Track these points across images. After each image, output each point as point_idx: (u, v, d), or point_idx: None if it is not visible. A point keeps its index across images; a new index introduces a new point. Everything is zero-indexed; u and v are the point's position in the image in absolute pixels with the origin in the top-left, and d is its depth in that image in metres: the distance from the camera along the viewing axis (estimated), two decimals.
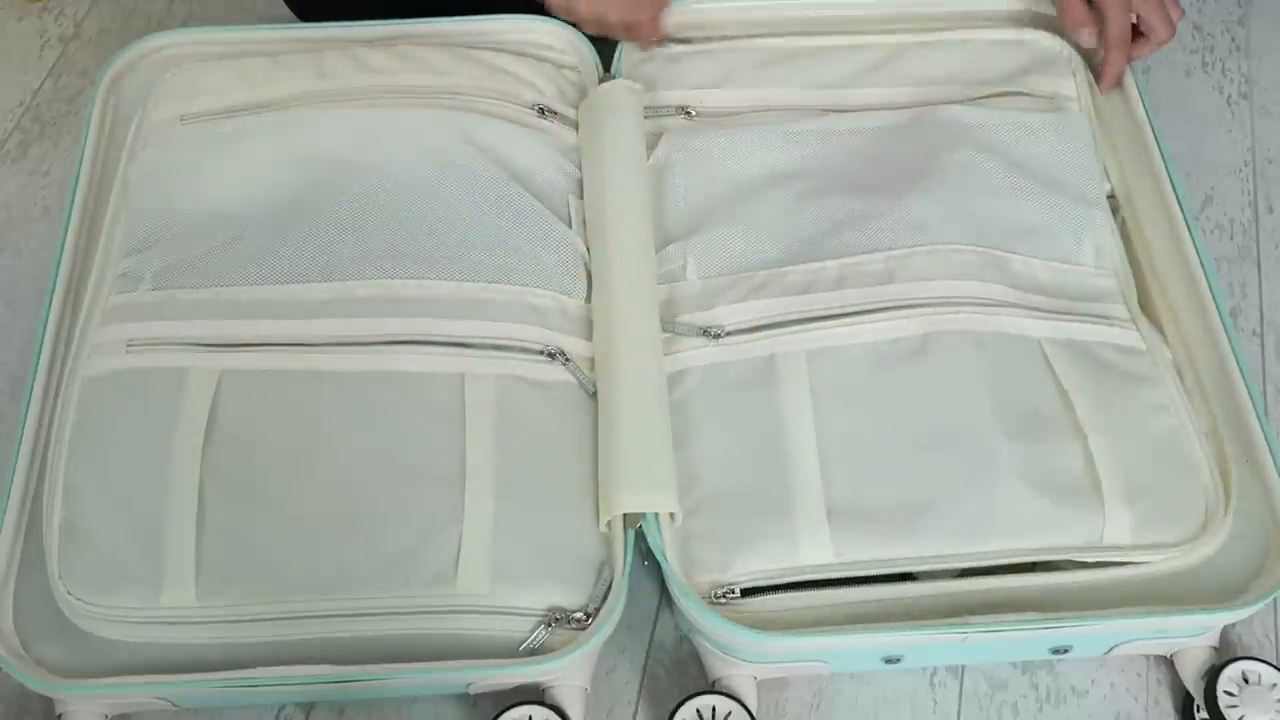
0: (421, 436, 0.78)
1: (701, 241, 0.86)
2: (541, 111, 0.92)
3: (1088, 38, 0.94)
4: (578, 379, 0.82)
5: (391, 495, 0.75)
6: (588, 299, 0.85)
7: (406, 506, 0.75)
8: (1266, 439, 0.79)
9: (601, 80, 0.95)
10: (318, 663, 0.72)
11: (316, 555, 0.74)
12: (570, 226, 0.87)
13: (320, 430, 0.77)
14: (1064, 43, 0.98)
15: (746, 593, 0.75)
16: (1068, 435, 0.78)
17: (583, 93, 0.95)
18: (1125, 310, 0.85)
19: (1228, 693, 0.76)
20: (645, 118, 0.92)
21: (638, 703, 0.81)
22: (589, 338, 0.83)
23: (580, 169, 0.90)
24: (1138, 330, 0.83)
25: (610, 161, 0.88)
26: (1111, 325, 0.83)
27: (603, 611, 0.74)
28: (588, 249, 0.86)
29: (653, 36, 0.96)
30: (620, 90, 0.92)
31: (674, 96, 0.95)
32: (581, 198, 0.89)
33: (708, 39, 0.98)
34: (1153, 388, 0.80)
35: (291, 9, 1.06)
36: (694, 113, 0.94)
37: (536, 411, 0.80)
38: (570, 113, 0.93)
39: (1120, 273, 0.87)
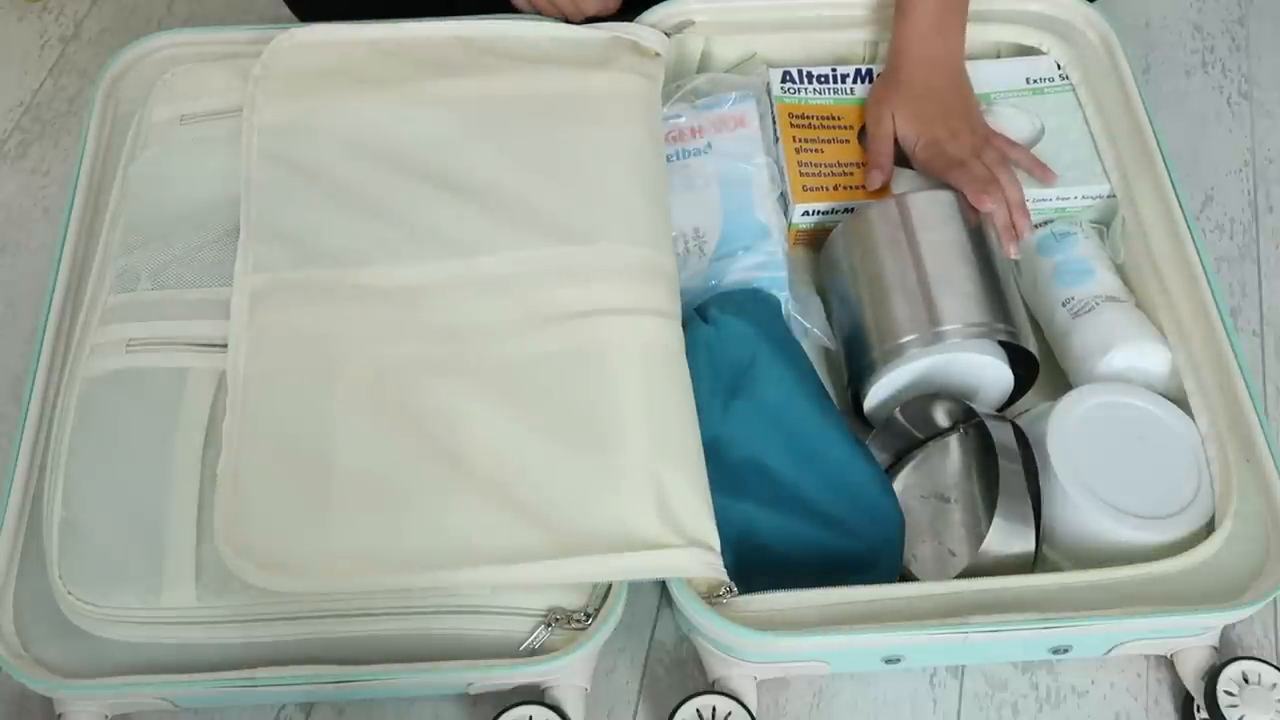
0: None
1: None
2: None
3: (875, 179, 0.92)
4: None
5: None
6: None
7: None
8: (1266, 439, 0.79)
9: None
10: (318, 663, 0.72)
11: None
12: None
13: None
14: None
15: (744, 591, 0.75)
16: None
17: None
18: None
19: (1228, 693, 0.76)
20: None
21: (638, 703, 0.81)
22: None
23: None
24: None
25: None
26: None
27: (603, 611, 0.74)
28: None
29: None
30: None
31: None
32: None
33: None
34: None
35: (291, 9, 1.06)
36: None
37: None
38: None
39: None
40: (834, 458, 0.82)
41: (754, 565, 0.77)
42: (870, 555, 0.80)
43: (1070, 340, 0.88)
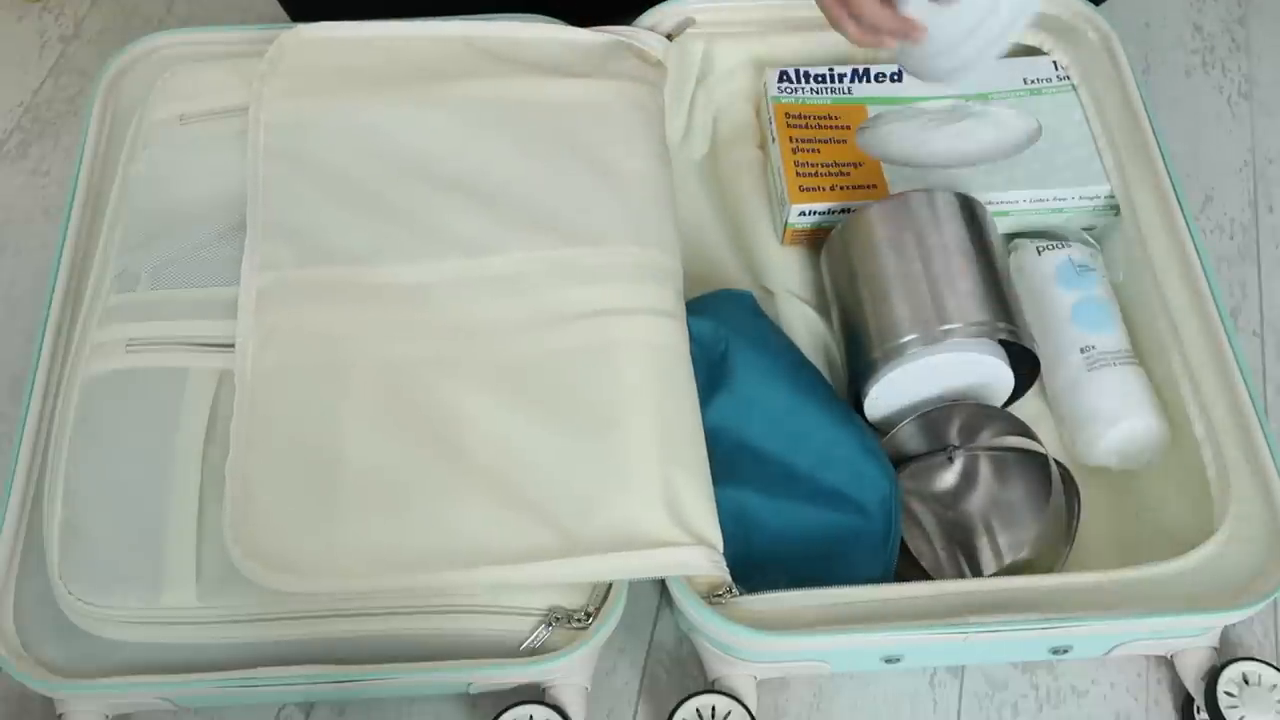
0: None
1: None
2: None
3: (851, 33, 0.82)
4: None
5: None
6: None
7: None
8: (1267, 440, 0.79)
9: None
10: (318, 663, 0.73)
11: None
12: None
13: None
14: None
15: (745, 591, 0.75)
16: None
17: None
18: None
19: (1228, 693, 0.76)
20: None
21: (638, 702, 0.81)
22: None
23: None
24: None
25: None
26: None
27: (603, 611, 0.74)
28: None
29: None
30: None
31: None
32: None
33: None
34: None
35: (285, 9, 1.06)
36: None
37: None
38: None
39: None
40: (818, 432, 0.82)
41: (752, 550, 0.77)
42: (867, 523, 0.80)
43: (1081, 392, 0.86)
